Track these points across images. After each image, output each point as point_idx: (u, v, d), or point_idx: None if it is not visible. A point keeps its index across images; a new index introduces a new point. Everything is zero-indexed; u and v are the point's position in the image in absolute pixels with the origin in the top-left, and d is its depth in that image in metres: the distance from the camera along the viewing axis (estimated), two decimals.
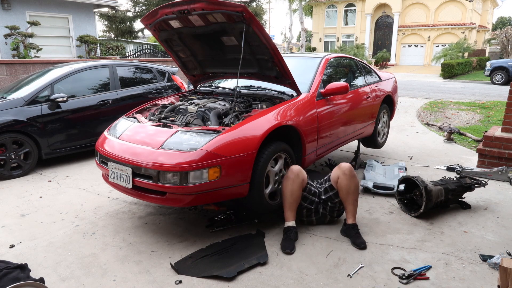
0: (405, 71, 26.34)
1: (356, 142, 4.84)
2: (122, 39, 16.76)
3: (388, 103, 5.15)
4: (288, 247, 2.64)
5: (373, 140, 4.90)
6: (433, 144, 5.79)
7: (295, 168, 2.88)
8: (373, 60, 28.58)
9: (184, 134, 2.74)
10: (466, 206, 3.39)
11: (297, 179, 2.83)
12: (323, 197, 2.99)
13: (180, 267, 2.42)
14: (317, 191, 3.04)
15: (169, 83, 5.92)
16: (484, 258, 2.53)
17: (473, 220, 3.16)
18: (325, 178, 3.11)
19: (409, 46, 32.06)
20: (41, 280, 2.20)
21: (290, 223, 2.83)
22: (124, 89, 5.35)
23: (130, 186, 2.71)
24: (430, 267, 2.44)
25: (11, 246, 2.74)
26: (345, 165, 2.91)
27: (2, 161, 4.25)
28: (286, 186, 2.83)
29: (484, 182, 3.45)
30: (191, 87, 4.29)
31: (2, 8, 11.39)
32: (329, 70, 4.02)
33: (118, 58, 13.55)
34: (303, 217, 3.01)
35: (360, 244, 2.70)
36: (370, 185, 3.75)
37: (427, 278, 2.33)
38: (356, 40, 32.77)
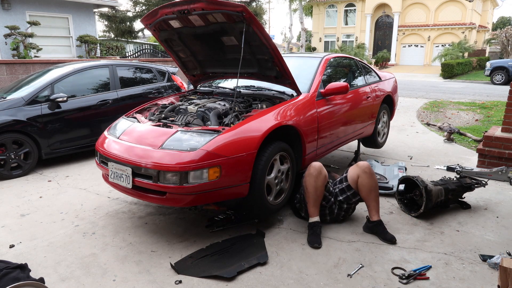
0: (405, 71, 26.32)
1: (356, 142, 4.84)
2: (122, 39, 16.75)
3: (388, 103, 5.15)
4: (316, 241, 2.70)
5: (373, 140, 4.89)
6: (433, 144, 5.79)
7: (317, 164, 2.89)
8: (373, 60, 28.58)
9: (184, 134, 2.74)
10: (466, 206, 3.39)
11: (320, 176, 2.85)
12: (340, 198, 3.00)
13: (180, 267, 2.42)
14: (333, 191, 3.06)
15: (169, 83, 5.92)
16: (484, 258, 2.53)
17: (473, 220, 3.16)
18: (340, 178, 3.11)
19: (409, 46, 32.06)
20: (41, 280, 2.20)
21: (315, 218, 2.86)
22: (124, 89, 5.35)
23: (130, 186, 2.71)
24: (430, 267, 2.44)
25: (11, 246, 2.74)
26: (364, 164, 2.93)
27: (2, 161, 4.24)
28: (310, 183, 2.85)
29: (484, 182, 3.45)
30: (191, 87, 4.29)
31: (2, 8, 11.39)
32: (329, 70, 4.02)
33: (118, 58, 13.56)
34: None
35: (391, 239, 2.75)
36: None
37: (427, 278, 2.33)
38: (356, 40, 32.77)
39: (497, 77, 17.00)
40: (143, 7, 15.62)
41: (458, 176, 3.53)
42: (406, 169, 4.27)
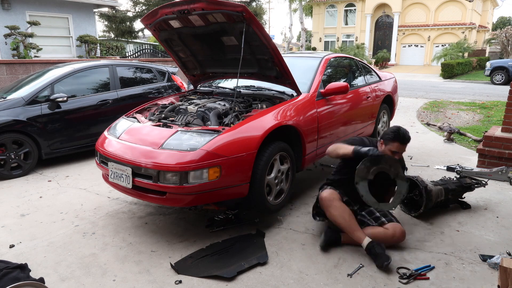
0: (405, 71, 26.32)
1: None
2: (122, 39, 16.75)
3: (388, 103, 5.15)
4: (385, 260, 2.38)
5: None
6: (433, 144, 5.79)
7: (325, 195, 2.69)
8: (373, 60, 28.56)
9: (184, 134, 2.74)
10: (466, 206, 3.39)
11: (334, 202, 2.65)
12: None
13: (180, 267, 2.42)
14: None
15: (169, 83, 5.92)
16: (484, 258, 2.53)
17: (473, 220, 3.16)
18: None
19: (409, 46, 32.05)
20: (41, 280, 2.20)
21: (366, 241, 2.54)
22: (124, 89, 5.35)
23: (130, 186, 2.71)
24: (430, 267, 2.44)
25: (11, 246, 2.74)
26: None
27: (2, 161, 4.24)
28: (333, 215, 2.65)
29: (484, 182, 3.45)
30: (191, 87, 4.29)
31: (2, 8, 11.39)
32: (329, 70, 4.02)
33: (118, 58, 13.55)
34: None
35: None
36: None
37: (427, 278, 2.33)
38: (356, 40, 32.76)
39: (497, 77, 16.99)
40: (143, 7, 15.62)
41: (458, 176, 3.54)
42: (406, 169, 4.26)
